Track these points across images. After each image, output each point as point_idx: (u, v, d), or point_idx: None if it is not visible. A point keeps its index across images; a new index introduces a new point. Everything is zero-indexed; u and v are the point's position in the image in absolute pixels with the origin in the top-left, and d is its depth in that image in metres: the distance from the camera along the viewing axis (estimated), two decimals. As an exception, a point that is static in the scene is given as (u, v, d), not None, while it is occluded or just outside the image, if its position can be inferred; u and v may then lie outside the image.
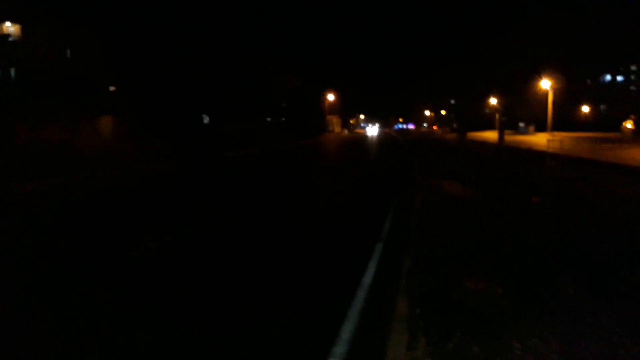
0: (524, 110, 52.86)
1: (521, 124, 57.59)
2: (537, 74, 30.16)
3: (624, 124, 47.11)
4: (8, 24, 27.60)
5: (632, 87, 61.07)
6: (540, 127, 50.80)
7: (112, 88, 29.91)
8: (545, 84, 33.49)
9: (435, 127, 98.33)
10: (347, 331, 4.15)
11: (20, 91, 21.81)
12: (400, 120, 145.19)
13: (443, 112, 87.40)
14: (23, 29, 27.38)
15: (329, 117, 79.88)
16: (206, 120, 40.50)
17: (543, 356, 3.57)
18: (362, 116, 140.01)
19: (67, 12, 25.49)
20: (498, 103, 25.49)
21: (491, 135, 45.73)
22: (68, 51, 27.73)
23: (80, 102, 24.51)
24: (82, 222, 9.45)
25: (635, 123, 44.55)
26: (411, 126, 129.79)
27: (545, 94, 35.15)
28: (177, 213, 10.11)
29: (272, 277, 5.79)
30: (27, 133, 19.83)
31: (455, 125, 68.70)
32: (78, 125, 23.05)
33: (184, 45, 32.17)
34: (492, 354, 3.60)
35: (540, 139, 34.73)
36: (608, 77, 73.97)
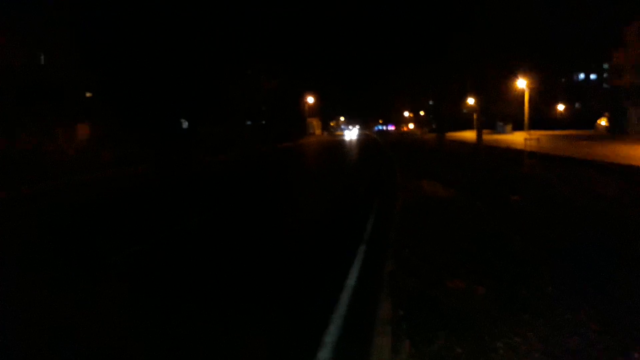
0: (502, 110, 53.63)
1: (499, 123, 58.40)
2: (513, 74, 30.63)
3: (598, 121, 48.11)
4: (-22, 30, 26.93)
5: (605, 85, 62.44)
6: (518, 126, 51.62)
7: (88, 94, 29.48)
8: (522, 83, 34.05)
9: (405, 128, 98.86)
10: (331, 335, 4.14)
11: None
12: (380, 121, 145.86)
13: (422, 113, 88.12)
14: None
15: (309, 119, 79.87)
16: (185, 124, 40.21)
17: (525, 354, 3.62)
18: (342, 118, 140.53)
19: (40, 16, 25.05)
20: (475, 103, 25.85)
21: (470, 134, 46.29)
22: (42, 57, 27.25)
23: (56, 108, 24.12)
24: (60, 228, 9.31)
25: (609, 120, 45.50)
26: (391, 127, 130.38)
27: (522, 93, 35.73)
28: (151, 220, 9.99)
29: (254, 280, 5.76)
30: (1, 141, 19.42)
31: (434, 126, 69.40)
32: (54, 133, 22.62)
33: (161, 49, 31.85)
34: (475, 353, 3.63)
35: (517, 138, 35.25)
36: (582, 76, 75.49)
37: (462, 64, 23.91)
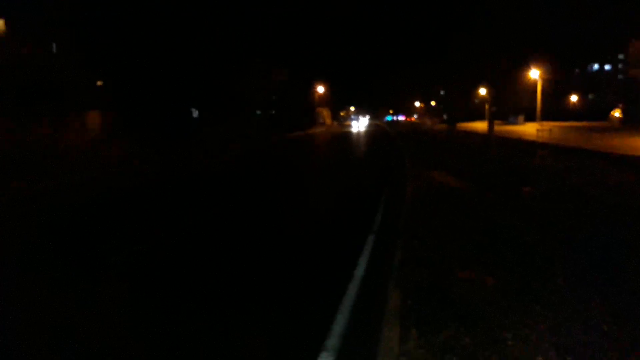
0: (514, 101, 53.11)
1: (511, 114, 57.85)
2: (526, 64, 30.30)
3: (611, 112, 47.49)
4: (-8, 19, 27.32)
5: (620, 76, 61.64)
6: (530, 117, 51.17)
7: (99, 82, 29.74)
8: (534, 73, 33.70)
9: (411, 119, 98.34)
10: (339, 324, 4.15)
11: (5, 86, 21.58)
12: (391, 111, 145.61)
13: (433, 103, 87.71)
14: (7, 24, 27.11)
15: (319, 109, 79.64)
16: (195, 114, 40.45)
17: (535, 345, 3.59)
18: (352, 108, 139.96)
19: (52, 6, 25.21)
20: (487, 93, 25.61)
21: (481, 125, 45.94)
22: (54, 46, 27.51)
23: (67, 96, 24.33)
24: (65, 225, 9.28)
25: (623, 112, 44.91)
26: (401, 117, 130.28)
27: (534, 84, 35.36)
28: (159, 218, 9.95)
29: (264, 270, 5.78)
30: (12, 129, 19.58)
31: (445, 116, 69.04)
32: (65, 121, 22.78)
33: (171, 40, 31.97)
34: (484, 344, 3.61)
35: (529, 129, 34.93)
36: (596, 67, 74.51)
37: (474, 54, 23.66)
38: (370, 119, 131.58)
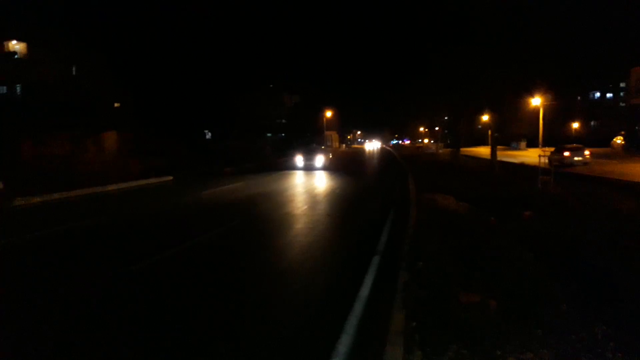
0: (516, 127, 53.30)
1: (513, 140, 58.06)
2: (528, 91, 30.55)
3: (614, 139, 47.68)
4: (14, 42, 28.12)
5: (622, 104, 62.10)
6: (532, 143, 51.25)
7: (116, 104, 30.48)
8: (536, 101, 33.91)
9: (407, 142, 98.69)
10: (344, 344, 4.19)
11: (26, 107, 22.12)
12: (396, 136, 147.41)
13: (437, 129, 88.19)
14: (29, 47, 27.91)
15: (327, 133, 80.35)
16: (208, 135, 41.31)
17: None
18: (359, 132, 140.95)
19: (73, 31, 26.03)
20: (490, 119, 25.76)
21: (484, 150, 46.10)
22: (73, 68, 28.29)
23: (85, 117, 24.83)
24: (85, 236, 9.52)
25: (625, 139, 45.08)
26: (406, 142, 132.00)
27: (537, 110, 35.56)
28: (174, 229, 10.16)
29: (270, 287, 5.85)
30: (32, 148, 19.90)
31: (449, 141, 69.39)
32: (83, 141, 23.05)
33: (187, 62, 32.81)
34: (487, 367, 3.64)
35: (531, 155, 34.96)
36: (597, 94, 75.14)
37: (478, 81, 23.87)
38: (376, 142, 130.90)
